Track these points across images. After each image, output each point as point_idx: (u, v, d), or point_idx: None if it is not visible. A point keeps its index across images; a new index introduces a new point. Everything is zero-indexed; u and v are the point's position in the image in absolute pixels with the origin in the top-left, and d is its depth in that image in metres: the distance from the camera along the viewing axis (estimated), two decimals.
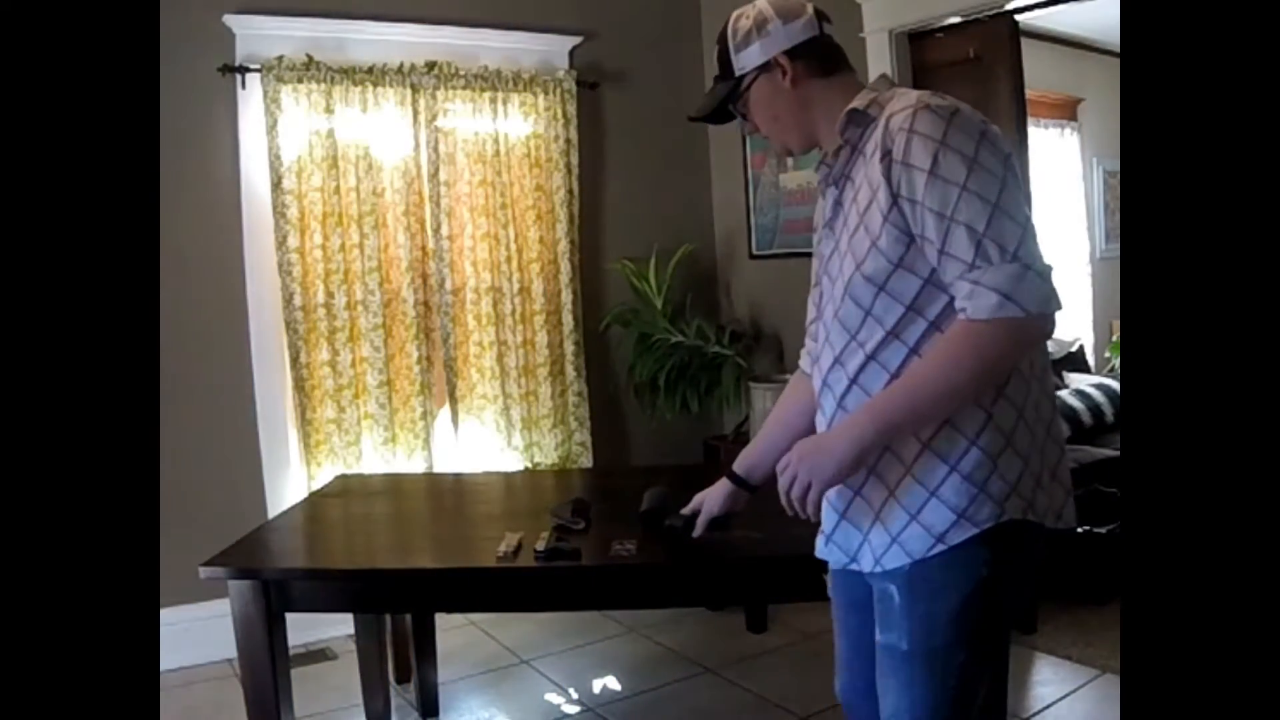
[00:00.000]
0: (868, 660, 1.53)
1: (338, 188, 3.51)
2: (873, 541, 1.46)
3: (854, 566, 1.51)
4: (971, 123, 1.37)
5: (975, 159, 1.33)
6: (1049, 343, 1.52)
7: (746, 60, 1.52)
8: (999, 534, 1.39)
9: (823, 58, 1.52)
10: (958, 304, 1.34)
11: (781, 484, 1.44)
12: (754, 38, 1.51)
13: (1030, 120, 3.44)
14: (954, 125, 1.35)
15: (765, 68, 1.51)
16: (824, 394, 1.52)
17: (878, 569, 1.45)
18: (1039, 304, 1.31)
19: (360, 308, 3.59)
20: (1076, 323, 6.01)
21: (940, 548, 1.39)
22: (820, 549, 1.58)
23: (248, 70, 3.40)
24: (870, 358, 1.42)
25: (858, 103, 1.46)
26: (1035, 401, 1.44)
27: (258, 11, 3.43)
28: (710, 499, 1.87)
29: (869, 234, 1.40)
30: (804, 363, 1.74)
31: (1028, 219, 1.34)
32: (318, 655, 3.44)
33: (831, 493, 1.49)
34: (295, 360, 3.51)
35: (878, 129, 1.41)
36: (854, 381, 1.44)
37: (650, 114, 4.19)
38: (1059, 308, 1.34)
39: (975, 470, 1.38)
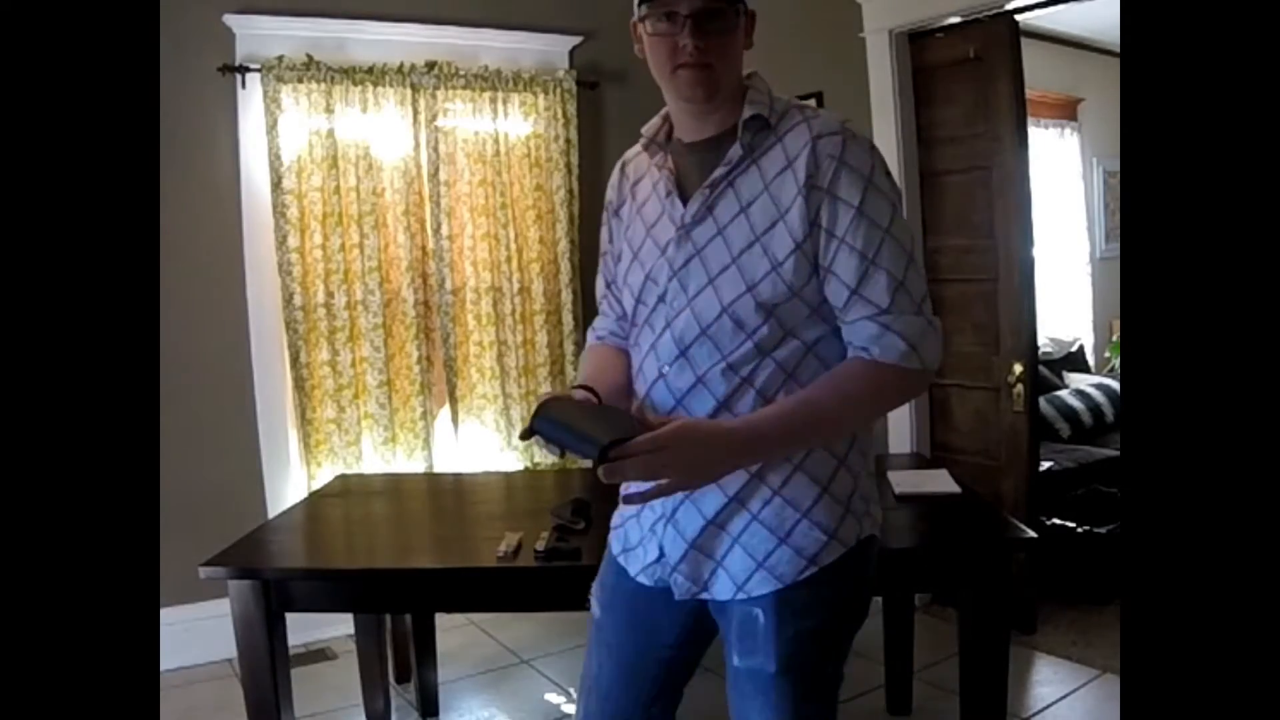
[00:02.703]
0: (644, 683, 1.52)
1: (338, 187, 3.51)
2: (731, 568, 1.39)
3: (704, 596, 1.42)
4: (884, 161, 1.37)
5: (895, 204, 1.36)
6: (1049, 343, 1.54)
7: None
8: (860, 550, 1.42)
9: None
10: (860, 343, 1.34)
11: (651, 468, 1.25)
12: None
13: (1030, 120, 3.44)
14: (876, 162, 1.35)
15: (750, 13, 1.42)
16: (678, 416, 1.38)
17: (740, 596, 1.38)
18: (934, 360, 1.36)
19: (360, 308, 3.59)
20: (1076, 323, 6.01)
21: (812, 570, 1.37)
22: (655, 576, 1.45)
23: (248, 70, 3.40)
24: (745, 381, 1.36)
25: (760, 109, 1.38)
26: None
27: (258, 11, 3.42)
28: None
29: (768, 257, 1.33)
30: (606, 336, 1.63)
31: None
32: (318, 655, 3.44)
33: (681, 520, 1.41)
34: (295, 360, 3.51)
35: (791, 146, 1.35)
36: (723, 405, 1.36)
37: (650, 114, 4.16)
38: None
39: (843, 490, 1.40)
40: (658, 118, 1.50)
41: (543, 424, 1.31)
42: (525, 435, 1.32)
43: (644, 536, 1.46)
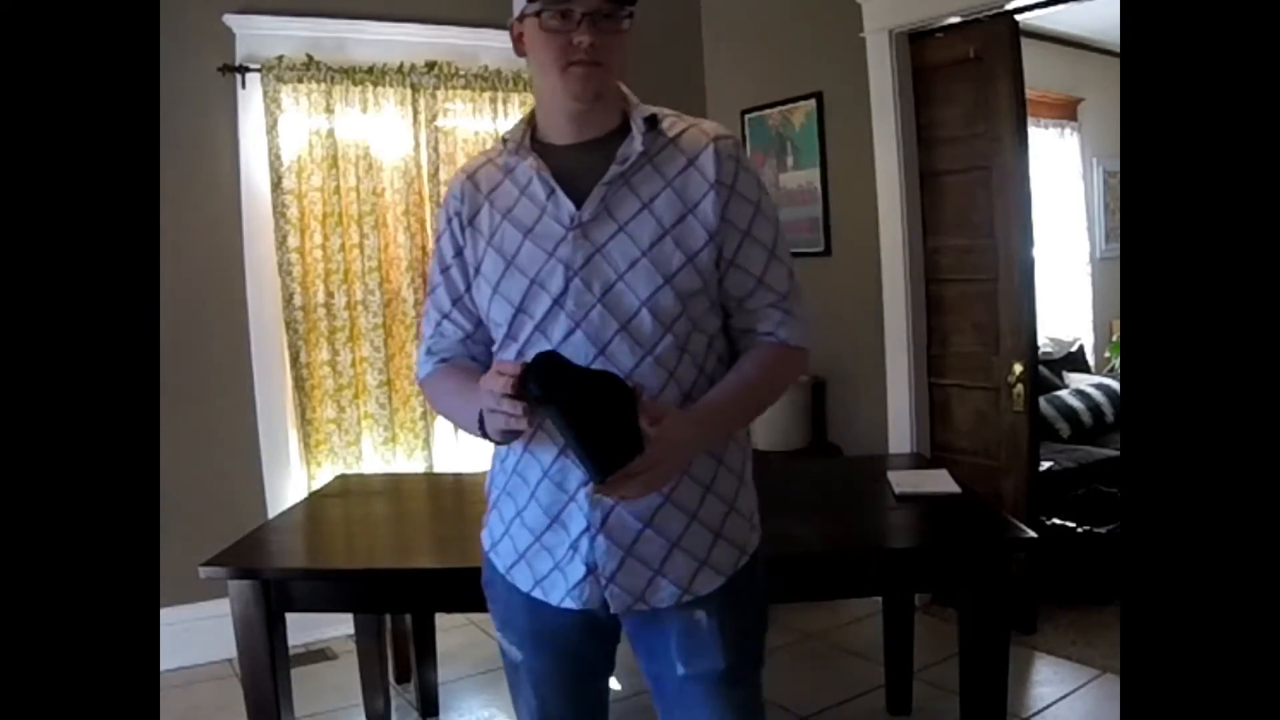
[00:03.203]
0: (591, 708, 1.54)
1: (338, 187, 3.51)
2: (672, 574, 1.38)
3: (640, 606, 1.38)
4: None
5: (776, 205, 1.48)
6: (1049, 343, 1.56)
7: None
8: (763, 534, 1.51)
9: None
10: (766, 328, 1.42)
11: (648, 485, 1.27)
12: None
13: (1030, 120, 3.44)
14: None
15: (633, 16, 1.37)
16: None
17: (686, 598, 1.39)
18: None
19: (360, 308, 3.59)
20: (1076, 323, 6.01)
21: (744, 559, 1.44)
22: (583, 597, 1.38)
23: (248, 70, 3.40)
24: (671, 375, 1.36)
25: (654, 110, 1.43)
26: None
27: (258, 11, 3.43)
28: None
29: (682, 250, 1.36)
30: (454, 358, 1.52)
31: None
32: (318, 655, 3.44)
33: (614, 528, 1.36)
34: (295, 360, 3.51)
35: (689, 147, 1.40)
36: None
37: None
38: None
39: (749, 477, 1.49)
40: (520, 122, 1.46)
41: (548, 400, 1.20)
42: (521, 385, 1.22)
43: (561, 558, 1.39)
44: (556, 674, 1.50)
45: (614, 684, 1.37)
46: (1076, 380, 5.23)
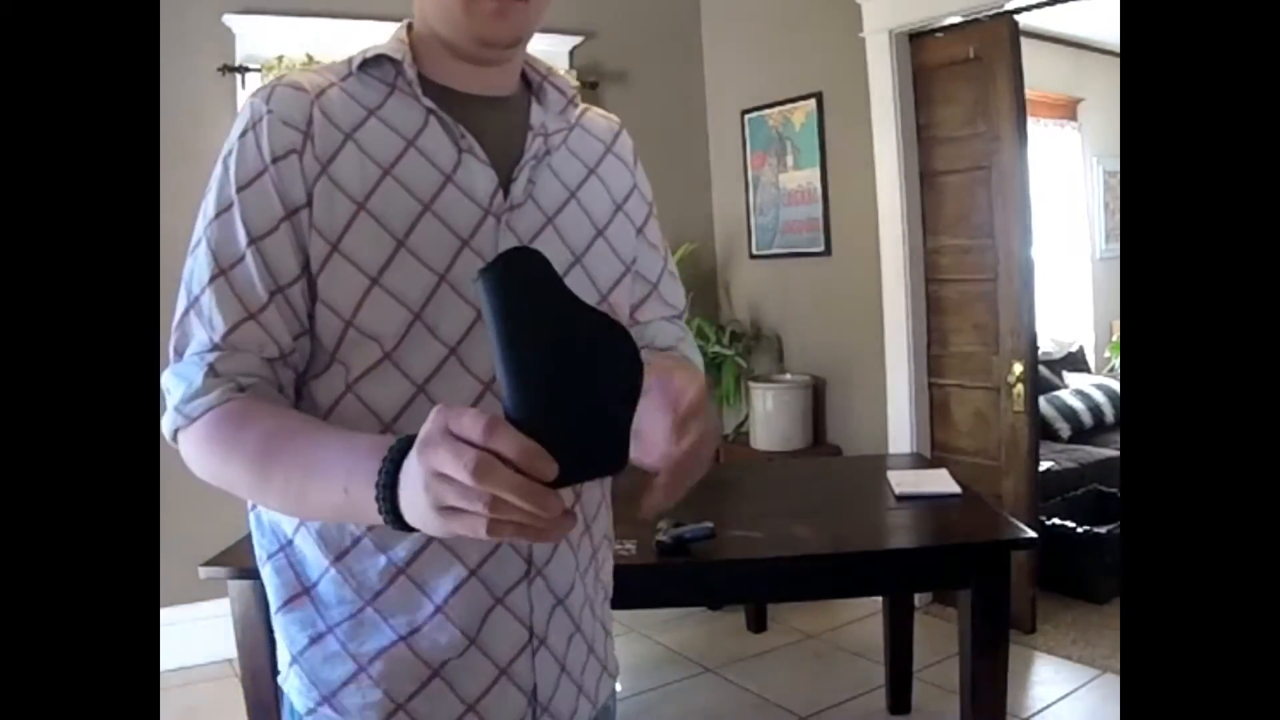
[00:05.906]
0: None
1: None
2: (587, 685, 1.06)
3: None
4: None
5: None
6: (1050, 343, 1.52)
7: None
8: None
9: None
10: (665, 344, 1.13)
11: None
12: None
13: (1030, 120, 3.44)
14: None
15: None
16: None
17: (593, 713, 1.08)
18: None
19: None
20: (1077, 323, 6.01)
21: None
22: None
23: (248, 70, 3.40)
24: None
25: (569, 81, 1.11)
26: None
27: (258, 11, 3.43)
28: None
29: (618, 257, 1.06)
30: (257, 383, 0.94)
31: None
32: None
33: (553, 637, 1.00)
34: None
35: (596, 128, 1.11)
36: None
37: (650, 114, 4.19)
38: None
39: None
40: (396, 42, 1.02)
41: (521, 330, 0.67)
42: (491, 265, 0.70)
43: (478, 692, 0.97)
44: None
45: (615, 685, 1.30)
46: (1076, 380, 5.24)
